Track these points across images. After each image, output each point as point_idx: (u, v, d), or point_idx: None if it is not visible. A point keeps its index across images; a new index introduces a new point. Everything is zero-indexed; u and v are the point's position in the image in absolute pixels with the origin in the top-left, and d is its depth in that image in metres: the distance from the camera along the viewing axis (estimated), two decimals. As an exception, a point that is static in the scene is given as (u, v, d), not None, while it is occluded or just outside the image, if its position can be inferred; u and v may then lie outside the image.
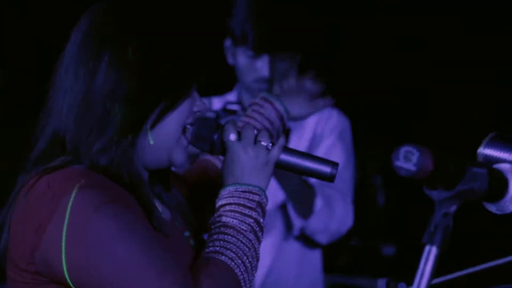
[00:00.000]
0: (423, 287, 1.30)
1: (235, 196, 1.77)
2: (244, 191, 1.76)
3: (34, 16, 7.44)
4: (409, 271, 1.46)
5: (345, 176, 2.99)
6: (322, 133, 3.01)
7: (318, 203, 2.85)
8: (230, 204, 1.76)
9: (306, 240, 3.00)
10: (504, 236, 2.04)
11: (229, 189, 1.78)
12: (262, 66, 2.71)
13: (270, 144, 1.80)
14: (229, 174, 1.79)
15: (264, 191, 1.79)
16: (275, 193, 2.87)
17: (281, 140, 1.78)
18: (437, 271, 1.32)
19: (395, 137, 4.93)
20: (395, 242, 4.69)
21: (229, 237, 1.73)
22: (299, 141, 2.90)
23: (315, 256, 3.11)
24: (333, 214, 2.91)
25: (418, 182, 1.27)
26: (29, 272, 1.63)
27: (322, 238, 3.01)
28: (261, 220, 1.77)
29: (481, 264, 2.57)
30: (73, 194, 1.59)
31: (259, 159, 1.79)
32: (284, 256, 3.06)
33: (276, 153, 1.77)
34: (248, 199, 1.76)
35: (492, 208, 1.38)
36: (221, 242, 1.71)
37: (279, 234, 3.02)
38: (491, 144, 1.42)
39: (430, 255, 1.28)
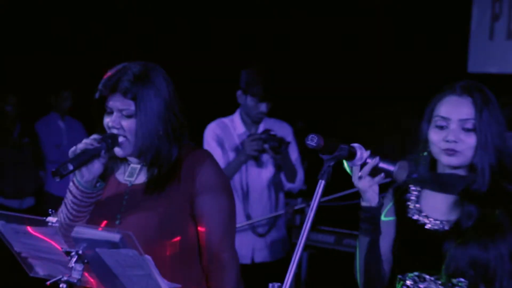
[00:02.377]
0: (315, 203, 2.16)
1: None
2: None
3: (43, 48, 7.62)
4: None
5: (299, 159, 4.75)
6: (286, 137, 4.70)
7: (299, 174, 4.61)
8: None
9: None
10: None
11: None
12: (262, 106, 4.47)
13: None
14: None
15: None
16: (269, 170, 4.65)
17: None
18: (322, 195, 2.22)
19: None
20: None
21: None
22: None
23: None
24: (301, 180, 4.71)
25: (317, 151, 2.21)
26: None
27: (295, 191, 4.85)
28: None
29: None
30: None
31: None
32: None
33: None
34: None
35: (349, 163, 2.35)
36: None
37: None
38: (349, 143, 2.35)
39: (321, 186, 2.18)
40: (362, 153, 2.36)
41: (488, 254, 2.35)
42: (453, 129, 2.45)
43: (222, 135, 4.61)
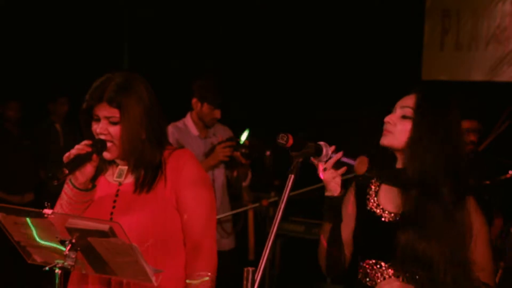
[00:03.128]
0: (286, 195, 2.14)
1: None
2: None
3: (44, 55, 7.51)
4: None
5: None
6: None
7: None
8: None
9: None
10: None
11: None
12: (217, 113, 4.52)
13: None
14: None
15: None
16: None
17: None
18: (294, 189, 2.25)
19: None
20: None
21: None
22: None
23: None
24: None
25: (287, 149, 2.21)
26: None
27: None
28: None
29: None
30: None
31: None
32: None
33: None
34: None
35: (316, 160, 2.36)
36: None
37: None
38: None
39: (290, 179, 2.19)
40: (327, 150, 2.37)
41: (432, 248, 2.33)
42: (394, 114, 2.47)
43: (180, 138, 4.60)
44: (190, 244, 2.65)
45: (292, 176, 2.20)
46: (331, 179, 2.41)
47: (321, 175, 2.41)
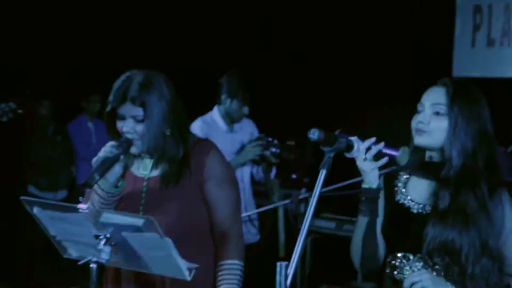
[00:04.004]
0: (318, 191, 2.16)
1: None
2: None
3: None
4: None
5: None
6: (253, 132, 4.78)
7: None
8: None
9: None
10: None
11: None
12: (245, 109, 4.59)
13: None
14: None
15: None
16: None
17: None
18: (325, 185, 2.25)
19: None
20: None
21: None
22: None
23: None
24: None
25: (318, 143, 2.22)
26: None
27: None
28: None
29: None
30: None
31: None
32: None
33: None
34: None
35: (348, 155, 2.34)
36: None
37: None
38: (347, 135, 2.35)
39: (322, 175, 2.19)
40: (359, 145, 2.35)
41: (462, 240, 2.32)
42: (425, 113, 2.44)
43: (208, 132, 4.66)
44: (218, 236, 2.71)
45: (324, 171, 2.20)
46: (370, 170, 2.37)
47: (361, 164, 2.37)
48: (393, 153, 2.34)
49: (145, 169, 2.71)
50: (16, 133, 6.95)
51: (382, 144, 2.35)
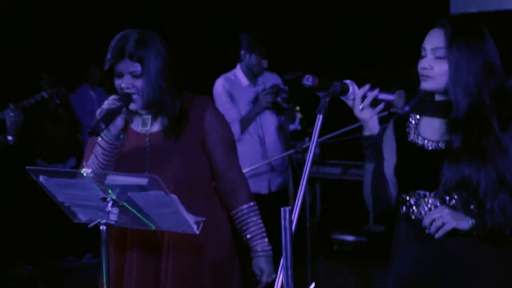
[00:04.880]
0: (316, 135, 2.14)
1: None
2: None
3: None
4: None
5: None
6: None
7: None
8: None
9: None
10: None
11: None
12: (264, 63, 4.75)
13: None
14: None
15: None
16: None
17: None
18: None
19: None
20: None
21: None
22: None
23: None
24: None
25: (313, 89, 2.20)
26: None
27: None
28: None
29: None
30: None
31: None
32: None
33: None
34: None
35: (343, 98, 2.34)
36: None
37: None
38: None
39: (319, 120, 2.17)
40: (354, 88, 2.35)
41: (479, 175, 2.32)
42: (427, 57, 2.44)
43: (231, 88, 4.90)
44: (219, 179, 2.83)
45: (321, 116, 2.20)
46: (369, 117, 2.38)
47: (359, 114, 2.38)
48: (389, 97, 2.36)
49: (145, 125, 2.77)
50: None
51: (377, 90, 2.36)
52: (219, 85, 4.91)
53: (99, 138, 2.67)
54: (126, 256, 2.74)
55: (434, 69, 2.40)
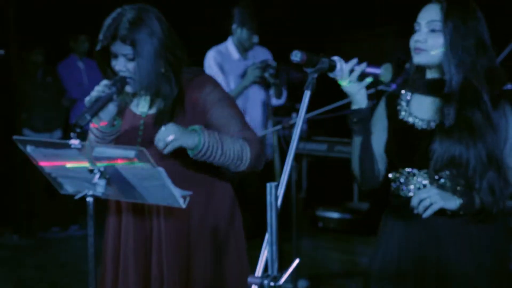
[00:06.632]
0: (303, 111, 2.11)
1: None
2: None
3: None
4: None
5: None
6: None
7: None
8: None
9: None
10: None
11: None
12: (255, 38, 4.84)
13: None
14: None
15: None
16: None
17: None
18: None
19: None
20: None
21: None
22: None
23: None
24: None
25: (301, 65, 2.19)
26: None
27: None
28: None
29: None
30: None
31: None
32: None
33: None
34: None
35: (331, 75, 2.33)
36: None
37: None
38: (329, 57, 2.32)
39: (306, 96, 2.13)
40: (341, 64, 2.34)
41: (469, 153, 2.33)
42: (421, 31, 2.44)
43: (221, 61, 5.01)
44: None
45: (308, 92, 2.18)
46: (356, 91, 2.39)
47: (346, 88, 2.39)
48: (376, 71, 2.36)
49: (143, 107, 2.69)
50: (6, 78, 6.97)
51: (364, 64, 2.36)
52: (210, 58, 5.01)
53: (91, 125, 2.59)
54: (122, 222, 2.70)
55: (428, 42, 2.40)
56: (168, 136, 2.44)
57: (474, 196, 2.35)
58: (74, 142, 2.34)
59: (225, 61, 5.03)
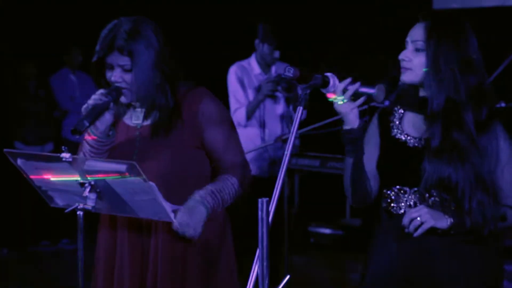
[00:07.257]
0: (295, 126, 2.13)
1: None
2: None
3: None
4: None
5: None
6: None
7: None
8: None
9: None
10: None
11: None
12: (276, 53, 4.97)
13: None
14: None
15: None
16: None
17: None
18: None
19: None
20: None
21: None
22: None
23: None
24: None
25: (295, 80, 2.22)
26: None
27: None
28: None
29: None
30: None
31: None
32: None
33: None
34: None
35: (324, 91, 2.33)
36: None
37: None
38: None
39: (299, 112, 2.15)
40: (334, 81, 2.34)
41: (457, 175, 2.33)
42: (407, 49, 2.45)
43: (241, 75, 5.17)
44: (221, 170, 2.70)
45: (301, 108, 2.19)
46: (349, 111, 2.37)
47: (339, 107, 2.38)
48: (370, 91, 2.36)
49: (137, 119, 2.67)
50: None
51: (358, 83, 2.36)
52: (232, 72, 5.18)
53: (86, 135, 2.59)
54: (117, 236, 2.67)
55: (413, 61, 2.41)
56: (189, 227, 2.47)
57: (464, 217, 2.35)
58: (65, 155, 2.34)
59: (245, 75, 5.17)
